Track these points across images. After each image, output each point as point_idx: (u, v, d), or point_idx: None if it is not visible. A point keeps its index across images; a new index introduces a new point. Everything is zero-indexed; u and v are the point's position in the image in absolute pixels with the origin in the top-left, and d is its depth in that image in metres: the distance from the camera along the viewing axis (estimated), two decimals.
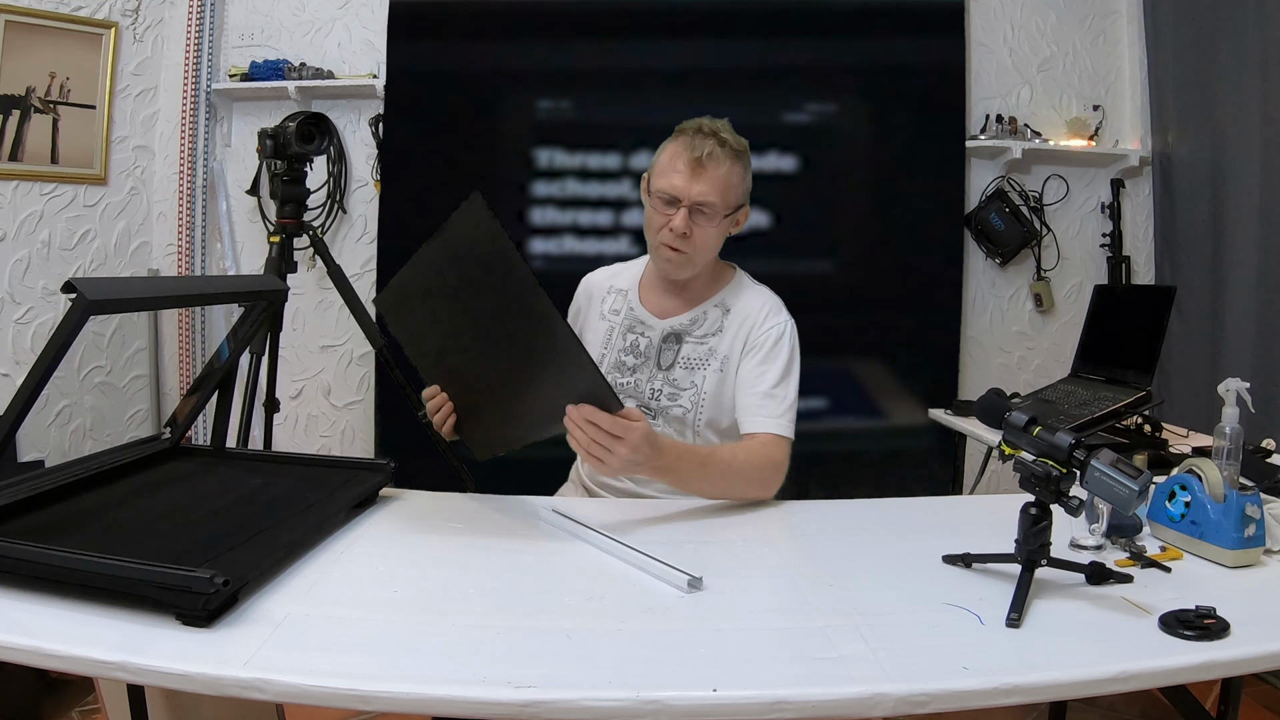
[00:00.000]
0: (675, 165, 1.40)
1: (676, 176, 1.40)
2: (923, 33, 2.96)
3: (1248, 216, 2.50)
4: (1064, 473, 0.96)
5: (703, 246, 1.43)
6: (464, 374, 1.34)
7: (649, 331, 1.52)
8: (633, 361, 1.51)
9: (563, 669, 0.80)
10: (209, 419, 1.57)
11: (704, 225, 1.41)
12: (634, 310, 1.55)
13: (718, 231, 1.44)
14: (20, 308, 2.61)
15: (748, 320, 1.47)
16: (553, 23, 2.96)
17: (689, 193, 1.39)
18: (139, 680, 0.95)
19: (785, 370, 1.44)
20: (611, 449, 1.14)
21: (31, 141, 2.63)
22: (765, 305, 1.49)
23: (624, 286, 1.59)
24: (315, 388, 3.11)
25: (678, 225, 1.39)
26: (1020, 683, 0.79)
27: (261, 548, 0.97)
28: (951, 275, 2.99)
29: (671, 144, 1.44)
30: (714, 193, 1.39)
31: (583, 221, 2.94)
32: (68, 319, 0.92)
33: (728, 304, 1.50)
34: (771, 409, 1.41)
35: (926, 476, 2.90)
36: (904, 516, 1.36)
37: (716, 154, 1.39)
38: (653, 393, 1.49)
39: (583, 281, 1.66)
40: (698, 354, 1.48)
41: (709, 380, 1.46)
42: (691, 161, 1.39)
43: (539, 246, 2.93)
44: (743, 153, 1.44)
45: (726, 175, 1.40)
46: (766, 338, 1.45)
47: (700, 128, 1.41)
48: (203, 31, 2.98)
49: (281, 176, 2.17)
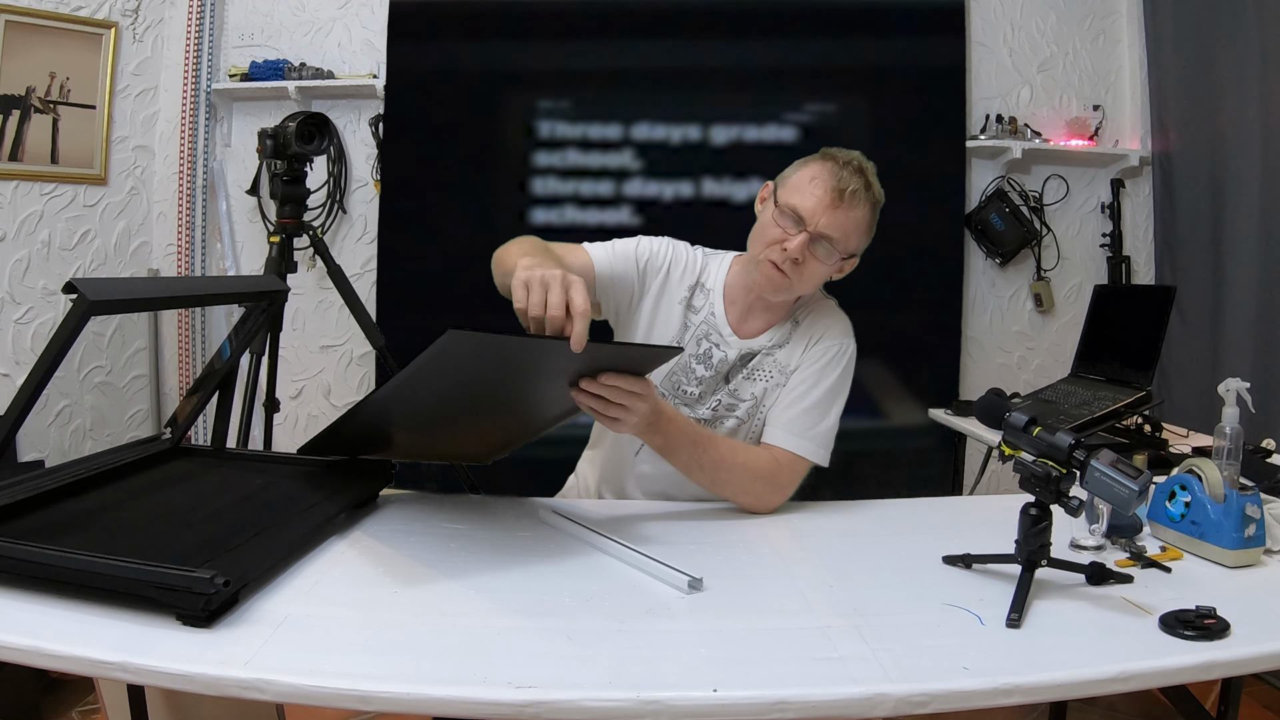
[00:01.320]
0: (814, 189, 1.31)
1: (812, 199, 1.31)
2: (923, 33, 2.96)
3: (1248, 216, 2.50)
4: (1064, 473, 0.96)
5: (809, 279, 1.35)
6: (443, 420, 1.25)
7: (726, 349, 1.42)
8: (702, 372, 1.43)
9: (563, 669, 0.79)
10: (209, 419, 1.57)
11: (819, 259, 1.32)
12: (714, 318, 1.44)
13: (826, 269, 1.35)
14: (20, 308, 2.61)
15: (813, 334, 1.42)
16: (552, 23, 2.96)
17: (818, 221, 1.30)
18: (139, 680, 0.95)
19: (830, 393, 1.38)
20: (631, 406, 1.13)
21: (31, 141, 2.63)
22: (833, 325, 1.43)
23: (710, 286, 1.46)
24: (315, 388, 3.11)
25: (793, 249, 1.30)
26: (1020, 683, 0.79)
27: (262, 548, 0.97)
28: (951, 275, 2.99)
29: (815, 164, 1.35)
30: (842, 231, 1.31)
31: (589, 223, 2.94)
32: (68, 319, 0.92)
33: (799, 318, 1.44)
34: (800, 426, 1.35)
35: (926, 476, 2.90)
36: (904, 516, 1.36)
37: (860, 195, 1.31)
38: (715, 404, 1.43)
39: (672, 245, 1.48)
40: (762, 365, 1.42)
41: (769, 395, 1.41)
42: (833, 190, 1.30)
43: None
44: (879, 204, 1.36)
45: (859, 219, 1.33)
46: (824, 354, 1.40)
47: (851, 161, 1.33)
48: (203, 31, 2.98)
49: (281, 176, 2.17)
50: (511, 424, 1.31)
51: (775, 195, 1.36)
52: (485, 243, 1.38)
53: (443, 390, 1.11)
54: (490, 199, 2.99)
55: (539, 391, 1.19)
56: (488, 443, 1.36)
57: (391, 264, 2.97)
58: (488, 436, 1.35)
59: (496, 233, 3.03)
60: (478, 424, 1.30)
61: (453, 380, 1.08)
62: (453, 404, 1.18)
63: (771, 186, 1.40)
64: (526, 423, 1.30)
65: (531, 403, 1.24)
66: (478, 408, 1.22)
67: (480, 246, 2.73)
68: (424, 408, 1.16)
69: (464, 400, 1.18)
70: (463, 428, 1.30)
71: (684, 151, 2.94)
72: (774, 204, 1.35)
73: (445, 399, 1.15)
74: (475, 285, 3.46)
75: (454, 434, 1.33)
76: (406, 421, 1.22)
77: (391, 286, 2.96)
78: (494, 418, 1.28)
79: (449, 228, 2.96)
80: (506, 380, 1.15)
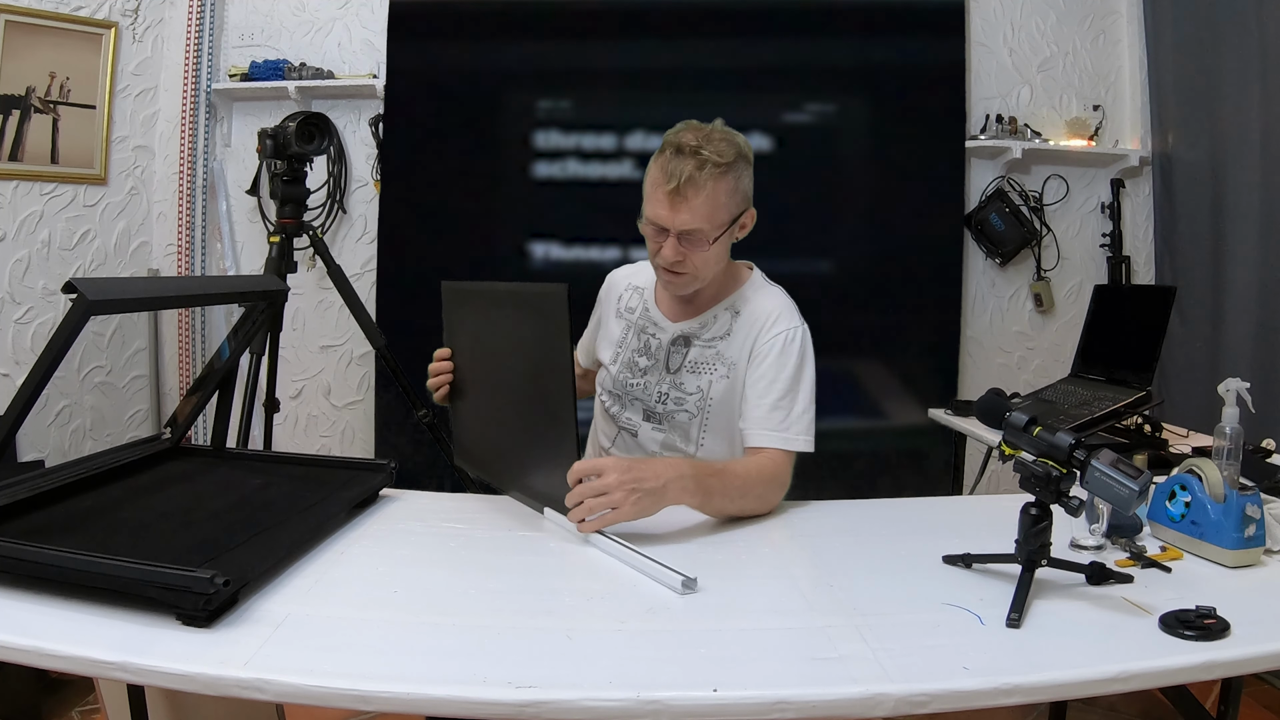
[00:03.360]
0: (656, 194, 1.32)
1: (657, 205, 1.32)
2: (923, 33, 2.96)
3: (1248, 216, 2.50)
4: (1064, 473, 0.96)
5: (702, 266, 1.36)
6: (475, 387, 1.41)
7: (660, 333, 1.47)
8: (645, 363, 1.48)
9: (563, 669, 0.80)
10: (209, 419, 1.57)
11: (697, 246, 1.33)
12: (649, 310, 1.50)
13: (715, 250, 1.36)
14: (20, 308, 2.61)
15: (755, 325, 1.41)
16: (552, 23, 2.96)
17: (673, 222, 1.31)
18: (139, 680, 0.95)
19: (793, 380, 1.37)
20: (607, 491, 1.12)
21: (31, 141, 2.63)
22: (775, 310, 1.42)
23: (641, 284, 1.54)
24: (315, 388, 3.11)
25: (666, 255, 1.33)
26: (1020, 683, 0.79)
27: (262, 548, 0.97)
28: (951, 275, 2.99)
29: (654, 165, 1.35)
30: (697, 220, 1.30)
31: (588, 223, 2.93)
32: (68, 319, 0.92)
33: (737, 307, 1.44)
34: (776, 422, 1.35)
35: (926, 476, 2.90)
36: (904, 516, 1.36)
37: (695, 178, 1.29)
38: (659, 396, 1.45)
39: (607, 278, 1.62)
40: (705, 358, 1.43)
41: (715, 386, 1.41)
42: (669, 191, 1.29)
43: (540, 249, 2.94)
44: (732, 163, 1.32)
45: (710, 197, 1.30)
46: (773, 345, 1.39)
47: (680, 147, 1.30)
48: (203, 31, 2.98)
49: (281, 176, 2.17)
50: (496, 428, 1.42)
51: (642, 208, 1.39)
52: (485, 243, 1.39)
53: (472, 353, 1.35)
54: (490, 199, 2.99)
55: (524, 429, 1.31)
56: (479, 426, 1.45)
57: (391, 264, 2.97)
58: (486, 415, 1.43)
59: (496, 233, 3.06)
60: (491, 391, 1.40)
61: (472, 341, 1.34)
62: (487, 374, 1.37)
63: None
64: (501, 450, 1.40)
65: (516, 428, 1.35)
66: (507, 381, 1.35)
67: (480, 246, 2.78)
68: (474, 378, 1.39)
69: (494, 370, 1.37)
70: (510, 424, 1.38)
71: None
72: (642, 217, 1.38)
73: (478, 363, 1.36)
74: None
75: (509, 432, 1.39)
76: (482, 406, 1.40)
77: (391, 286, 2.96)
78: (500, 400, 1.38)
79: (449, 228, 2.96)
80: (512, 346, 1.31)
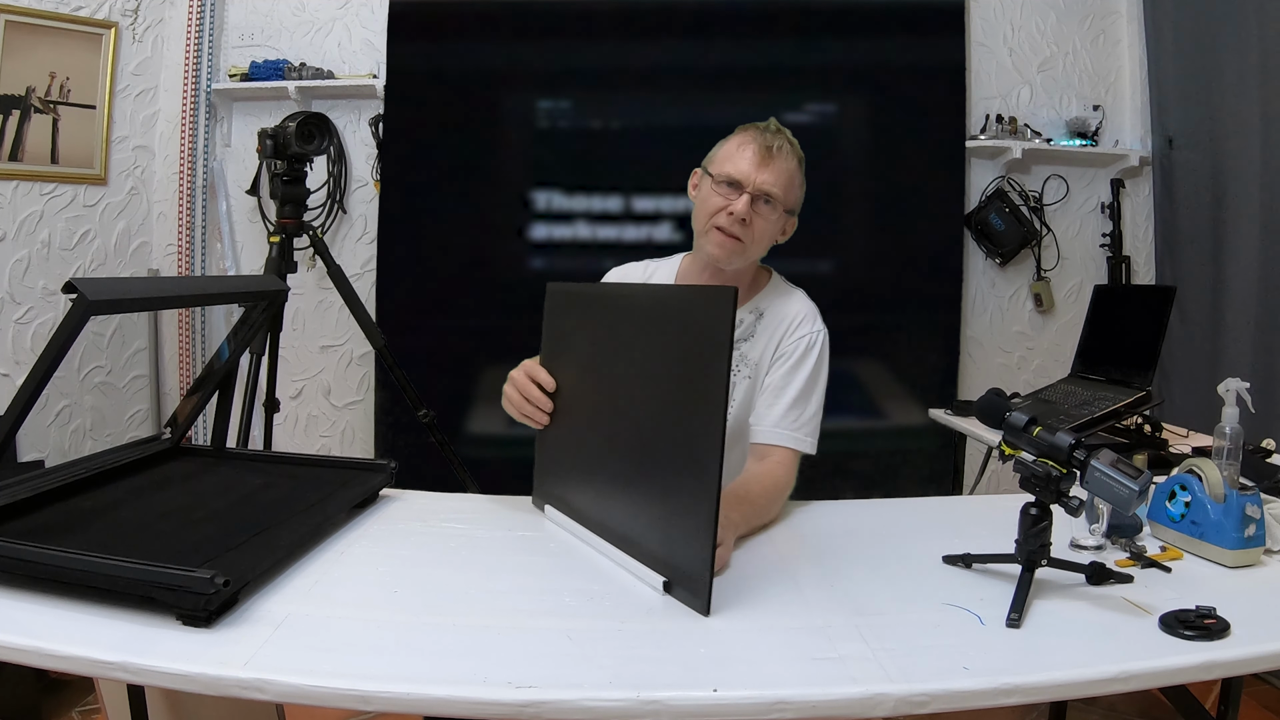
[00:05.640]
0: (743, 153, 1.38)
1: (744, 163, 1.37)
2: (923, 33, 2.96)
3: (1248, 216, 2.50)
4: (1064, 473, 0.96)
5: (760, 237, 1.39)
6: (582, 417, 1.20)
7: None
8: None
9: (563, 669, 0.79)
10: (209, 419, 1.57)
11: (765, 215, 1.37)
12: None
13: (773, 227, 1.40)
14: (20, 308, 2.61)
15: (780, 327, 1.43)
16: (553, 23, 2.96)
17: (755, 179, 1.35)
18: (139, 680, 0.95)
19: (810, 382, 1.41)
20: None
21: (31, 141, 2.63)
22: (800, 312, 1.45)
23: (661, 281, 1.52)
24: (315, 388, 3.11)
25: (739, 209, 1.35)
26: (1020, 683, 0.79)
27: (262, 548, 0.97)
28: (951, 275, 2.99)
29: (737, 136, 1.41)
30: (779, 185, 1.37)
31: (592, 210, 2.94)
32: (68, 319, 0.92)
33: (761, 308, 1.45)
34: (788, 421, 1.38)
35: (926, 476, 2.90)
36: (904, 516, 1.36)
37: (786, 149, 1.38)
38: None
39: (611, 274, 1.55)
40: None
41: (739, 388, 1.42)
42: (762, 149, 1.36)
43: (539, 249, 2.94)
44: (803, 161, 1.42)
45: (790, 174, 1.39)
46: (798, 346, 1.42)
47: (769, 125, 1.40)
48: (203, 31, 2.98)
49: (281, 176, 2.17)
50: (597, 469, 1.17)
51: (708, 173, 1.42)
52: (485, 243, 1.38)
53: (583, 373, 1.19)
54: (490, 199, 2.99)
55: (643, 474, 1.06)
56: (573, 466, 1.22)
57: (391, 264, 2.97)
58: (586, 453, 1.20)
59: (496, 232, 3.06)
60: (602, 419, 1.16)
61: (585, 358, 1.19)
62: (602, 402, 1.15)
63: (700, 171, 1.46)
64: (604, 492, 1.15)
65: (631, 471, 1.09)
66: (622, 394, 1.12)
67: (480, 246, 2.77)
68: (582, 405, 1.19)
69: (613, 397, 1.13)
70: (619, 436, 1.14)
71: (683, 150, 2.93)
72: (710, 180, 1.41)
73: (589, 387, 1.18)
74: (475, 285, 3.47)
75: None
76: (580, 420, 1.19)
77: (391, 286, 2.96)
78: (615, 432, 1.14)
79: (449, 228, 2.95)
80: (645, 368, 1.07)
